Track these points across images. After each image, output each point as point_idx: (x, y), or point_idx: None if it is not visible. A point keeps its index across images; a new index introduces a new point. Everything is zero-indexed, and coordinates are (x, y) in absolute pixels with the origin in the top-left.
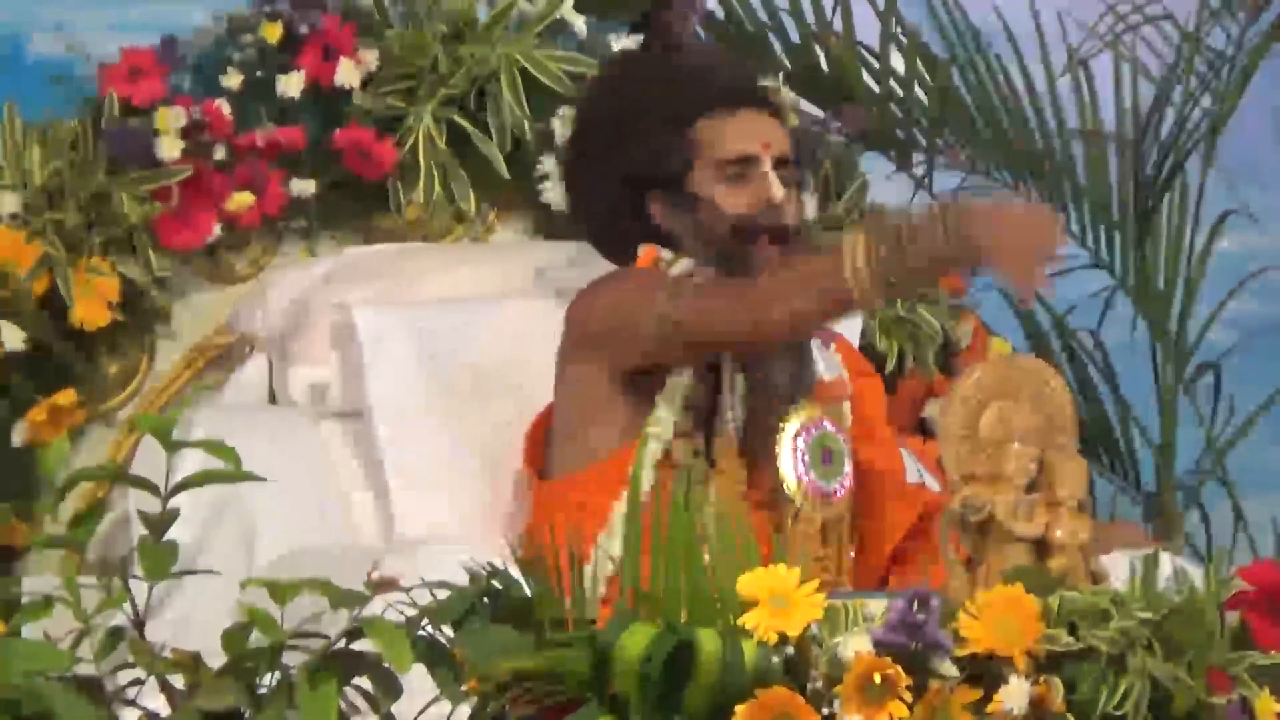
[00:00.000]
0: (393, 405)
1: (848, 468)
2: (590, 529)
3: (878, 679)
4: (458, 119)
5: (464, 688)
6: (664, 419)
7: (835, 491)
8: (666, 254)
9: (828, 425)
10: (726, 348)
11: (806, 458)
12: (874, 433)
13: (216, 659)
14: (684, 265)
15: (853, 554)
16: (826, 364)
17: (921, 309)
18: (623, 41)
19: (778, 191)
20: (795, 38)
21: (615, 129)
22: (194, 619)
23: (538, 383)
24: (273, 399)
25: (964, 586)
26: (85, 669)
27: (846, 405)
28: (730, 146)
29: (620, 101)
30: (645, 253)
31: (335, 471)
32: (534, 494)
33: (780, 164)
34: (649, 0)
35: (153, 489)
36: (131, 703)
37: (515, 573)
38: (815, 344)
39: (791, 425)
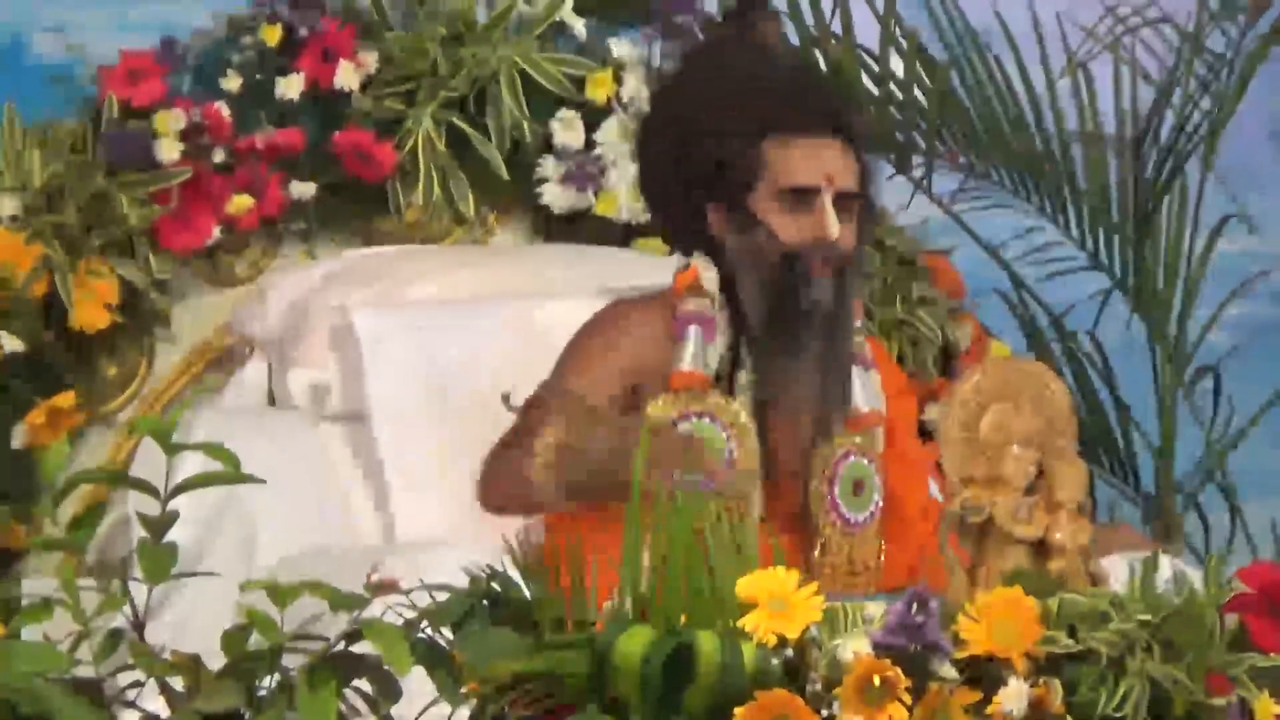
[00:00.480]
0: (392, 407)
1: (877, 495)
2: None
3: (877, 681)
4: (457, 121)
5: (463, 690)
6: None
7: (864, 520)
8: (708, 274)
9: (858, 456)
10: None
11: (837, 490)
12: (903, 454)
13: (216, 661)
14: (696, 337)
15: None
16: (866, 393)
17: (920, 312)
18: (623, 46)
19: (833, 230)
20: (794, 40)
21: (688, 127)
22: (194, 621)
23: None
24: (272, 401)
25: (964, 588)
26: (85, 671)
27: (880, 430)
28: (792, 175)
29: (697, 95)
30: (690, 269)
31: (335, 473)
32: None
33: (842, 196)
34: (646, 2)
35: (152, 491)
36: (131, 705)
37: (514, 575)
38: (857, 370)
39: (823, 458)
